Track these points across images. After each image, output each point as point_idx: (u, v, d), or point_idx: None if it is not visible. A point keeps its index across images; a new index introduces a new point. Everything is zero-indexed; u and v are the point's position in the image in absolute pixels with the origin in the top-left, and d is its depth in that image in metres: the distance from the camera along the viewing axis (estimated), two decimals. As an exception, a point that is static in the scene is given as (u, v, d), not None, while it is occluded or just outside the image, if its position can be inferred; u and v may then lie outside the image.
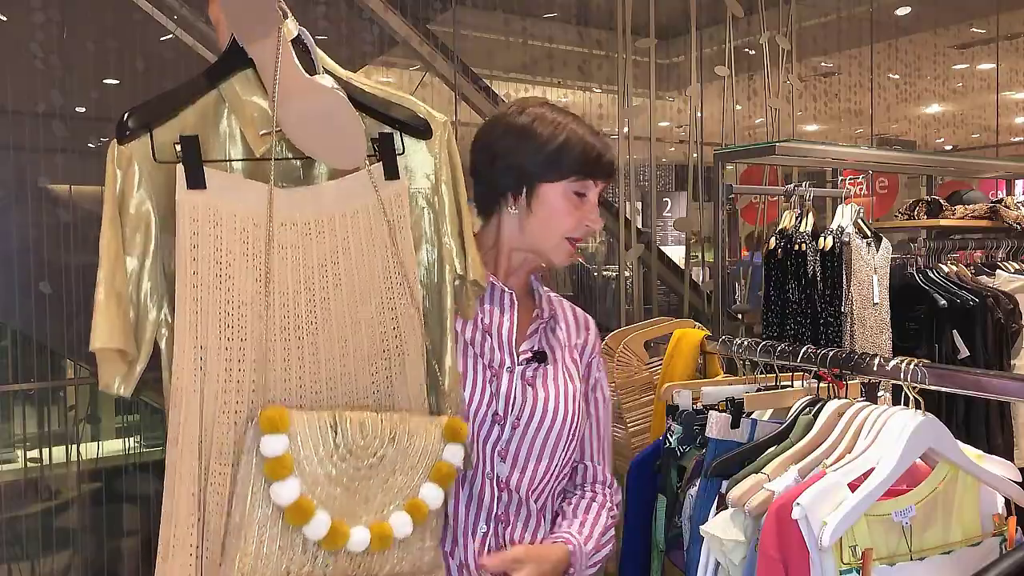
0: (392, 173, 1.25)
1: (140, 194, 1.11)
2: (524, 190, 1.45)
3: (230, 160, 1.16)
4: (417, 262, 1.30)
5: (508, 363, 1.45)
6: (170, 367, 1.13)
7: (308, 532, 1.11)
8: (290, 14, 1.17)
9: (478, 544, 1.42)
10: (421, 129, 1.28)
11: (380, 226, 1.23)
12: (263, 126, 1.16)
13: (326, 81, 1.18)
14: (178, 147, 1.11)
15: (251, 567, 1.10)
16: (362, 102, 1.23)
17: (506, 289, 1.49)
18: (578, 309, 1.63)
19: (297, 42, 1.18)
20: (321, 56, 1.22)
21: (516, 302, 1.49)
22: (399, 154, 1.26)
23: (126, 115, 1.11)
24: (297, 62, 1.16)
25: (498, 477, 1.43)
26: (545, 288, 1.60)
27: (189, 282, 1.10)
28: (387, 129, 1.26)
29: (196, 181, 1.09)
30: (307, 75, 1.16)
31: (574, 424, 1.49)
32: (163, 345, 1.15)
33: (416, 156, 1.30)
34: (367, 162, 1.23)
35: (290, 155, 1.20)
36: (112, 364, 1.11)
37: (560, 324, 1.56)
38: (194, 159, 1.10)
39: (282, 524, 1.11)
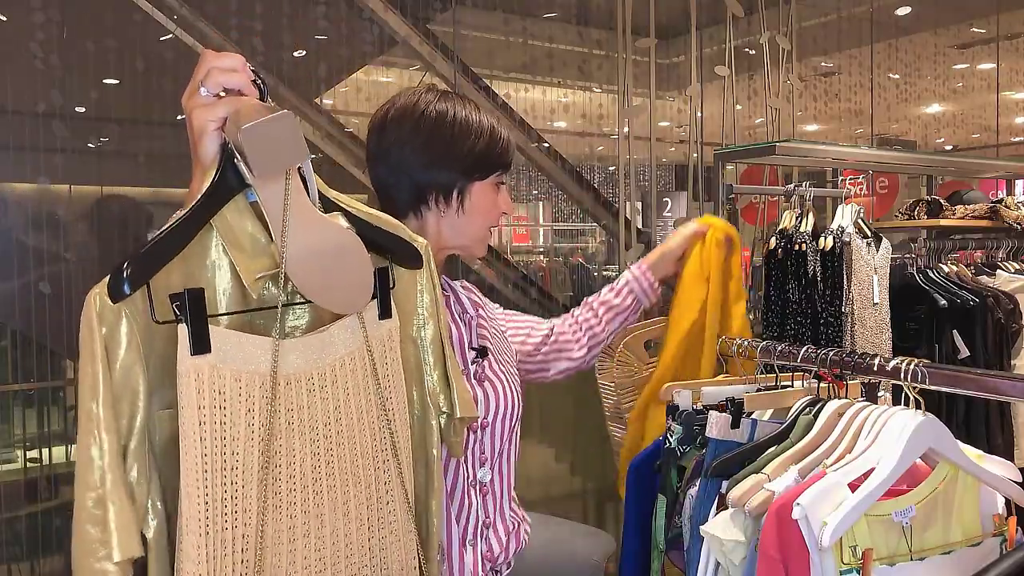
0: (386, 311, 1.12)
1: (128, 357, 0.94)
2: (456, 192, 1.43)
3: (244, 312, 1.01)
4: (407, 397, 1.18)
5: (462, 365, 1.47)
6: (160, 559, 0.97)
7: None
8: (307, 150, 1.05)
9: (471, 556, 1.42)
10: (413, 258, 1.16)
11: (370, 373, 1.10)
12: (256, 257, 1.01)
13: (341, 220, 1.06)
14: (176, 302, 0.94)
15: None
16: (363, 233, 1.09)
17: (451, 296, 1.52)
18: (464, 282, 1.65)
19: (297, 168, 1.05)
20: (318, 182, 1.09)
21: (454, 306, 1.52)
22: (391, 288, 1.14)
23: (126, 267, 0.92)
24: (306, 196, 1.03)
25: (480, 483, 1.43)
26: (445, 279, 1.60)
27: (198, 464, 0.94)
28: (383, 262, 1.13)
29: (201, 345, 0.93)
30: (317, 210, 1.03)
31: (522, 400, 1.54)
32: (149, 535, 0.97)
33: (402, 288, 1.17)
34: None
35: (294, 298, 1.07)
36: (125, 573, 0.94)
37: (476, 309, 1.59)
38: (200, 318, 0.93)
39: None
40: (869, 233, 2.84)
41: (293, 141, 0.98)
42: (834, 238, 2.76)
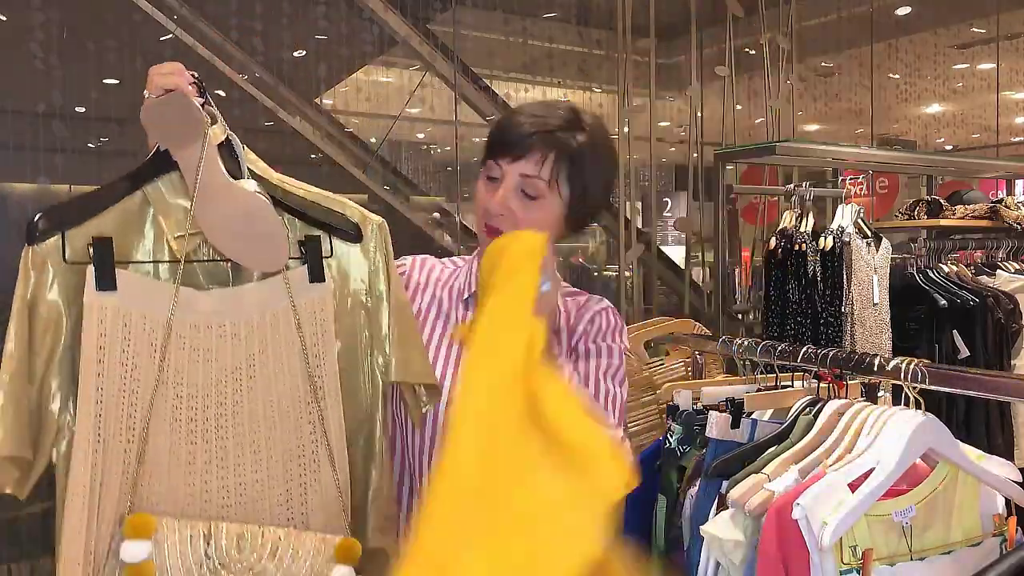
0: (317, 276, 1.23)
1: (52, 295, 1.10)
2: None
3: (151, 262, 1.16)
4: (352, 365, 1.27)
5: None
6: (65, 470, 1.09)
7: None
8: (220, 118, 1.18)
9: None
10: (351, 233, 1.27)
11: (295, 332, 1.21)
12: (181, 222, 1.16)
13: (249, 185, 1.17)
14: (91, 248, 1.10)
15: None
16: (289, 205, 1.23)
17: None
18: (592, 298, 1.51)
19: (225, 145, 1.18)
20: (252, 159, 1.22)
21: None
22: (327, 257, 1.25)
23: (37, 217, 1.10)
24: (221, 166, 1.16)
25: None
26: (567, 289, 1.51)
27: (93, 384, 1.08)
28: (315, 232, 1.25)
29: (106, 283, 1.09)
30: (230, 178, 1.16)
31: None
32: (63, 448, 1.11)
33: (350, 259, 1.28)
34: (288, 264, 1.22)
35: (217, 258, 1.19)
36: (8, 470, 1.09)
37: (560, 324, 1.47)
38: (105, 260, 1.10)
39: None
40: (869, 233, 2.84)
41: (184, 117, 1.12)
42: (834, 238, 2.76)
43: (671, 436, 1.69)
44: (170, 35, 3.43)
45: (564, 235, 1.45)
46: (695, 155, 4.38)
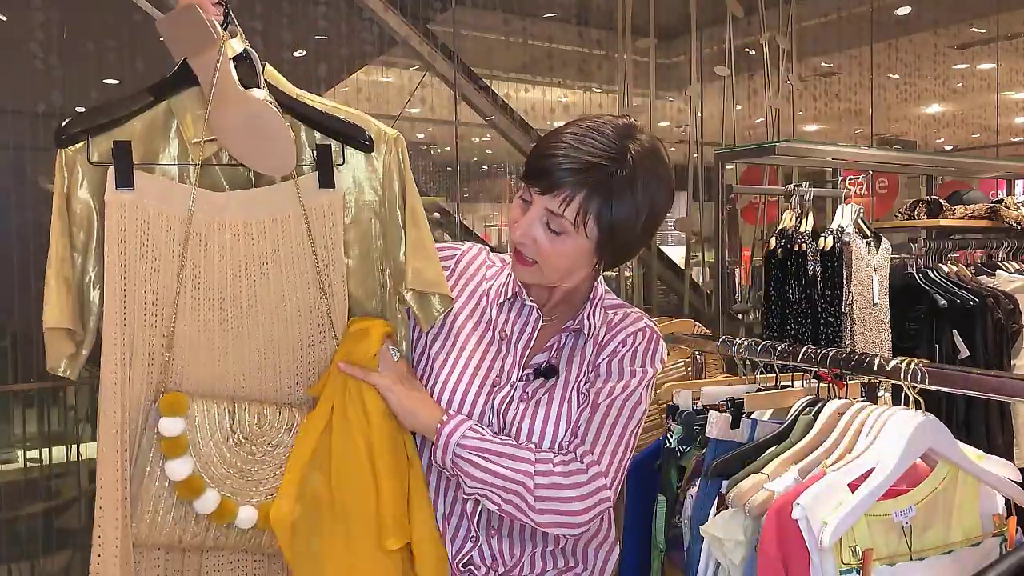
0: (327, 182, 1.30)
1: (83, 193, 1.21)
2: None
3: (171, 164, 1.25)
4: (366, 271, 1.36)
5: (513, 377, 1.40)
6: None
7: (198, 506, 1.24)
8: (239, 32, 1.25)
9: (457, 555, 1.41)
10: (363, 141, 1.33)
11: (305, 234, 1.29)
12: (200, 129, 1.24)
13: (259, 93, 1.24)
14: (112, 151, 1.20)
15: (145, 534, 1.24)
16: (303, 113, 1.30)
17: (527, 302, 1.42)
18: (630, 314, 1.46)
19: (244, 59, 1.25)
20: (270, 72, 1.29)
21: (540, 316, 1.42)
22: (338, 165, 1.32)
23: (65, 122, 1.19)
24: (235, 75, 1.22)
25: None
26: (612, 301, 1.48)
27: (117, 273, 1.19)
28: (328, 141, 1.32)
29: (125, 182, 1.18)
30: (241, 87, 1.22)
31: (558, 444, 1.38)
32: (92, 323, 1.24)
33: (364, 169, 1.35)
34: (302, 171, 1.29)
35: (233, 162, 1.27)
36: (61, 345, 1.21)
37: (591, 335, 1.42)
38: (124, 161, 1.19)
39: (176, 498, 1.24)
40: (869, 233, 2.84)
41: (197, 28, 1.19)
42: (834, 238, 2.76)
43: (671, 436, 1.69)
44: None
45: (597, 268, 1.40)
46: (695, 155, 4.38)
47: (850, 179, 6.24)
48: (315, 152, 1.30)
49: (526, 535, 1.42)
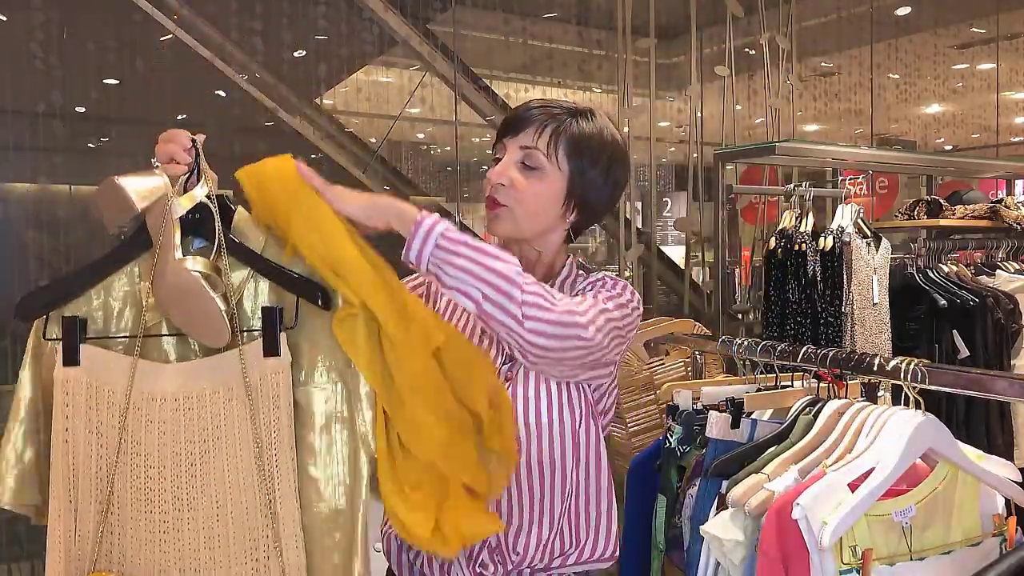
0: (271, 349, 1.19)
1: (46, 366, 1.23)
2: None
3: (116, 337, 1.24)
4: (328, 443, 1.21)
5: (498, 363, 1.41)
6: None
7: None
8: (209, 176, 1.21)
9: (475, 551, 1.41)
10: (320, 299, 1.20)
11: (245, 406, 1.19)
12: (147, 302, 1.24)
13: (191, 262, 1.19)
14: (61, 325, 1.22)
15: None
16: (264, 268, 1.23)
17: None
18: (603, 275, 1.49)
19: (214, 202, 1.21)
20: (240, 216, 1.24)
21: None
22: (290, 328, 1.20)
23: (24, 297, 1.23)
24: (176, 239, 1.20)
25: None
26: (581, 275, 1.50)
27: (62, 450, 1.19)
28: (279, 303, 1.22)
29: (71, 359, 1.20)
30: (178, 255, 1.20)
31: (546, 419, 1.38)
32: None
33: (322, 326, 1.21)
34: (253, 336, 1.21)
35: (172, 332, 1.24)
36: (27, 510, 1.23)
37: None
38: (72, 338, 1.21)
39: None
40: (869, 233, 2.84)
41: (116, 202, 1.18)
42: (834, 238, 2.76)
43: (671, 436, 1.69)
44: (170, 35, 3.42)
45: (568, 216, 1.44)
46: (695, 155, 4.38)
47: (850, 179, 6.25)
48: (261, 316, 1.20)
49: (533, 527, 1.42)
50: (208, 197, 1.21)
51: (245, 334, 1.20)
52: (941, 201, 3.49)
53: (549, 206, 1.42)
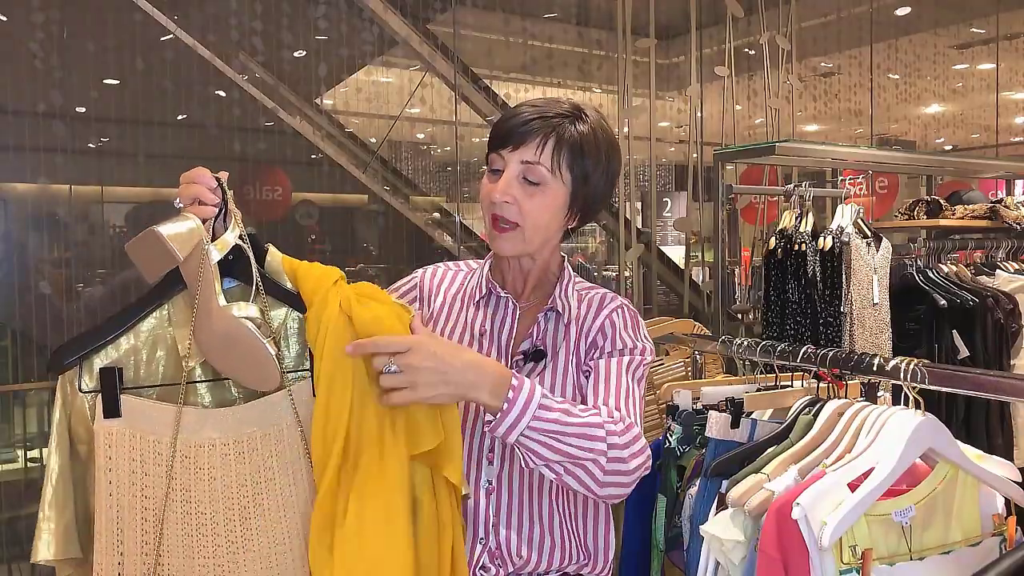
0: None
1: (80, 418, 1.19)
2: None
3: (156, 385, 1.23)
4: None
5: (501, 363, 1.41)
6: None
7: None
8: (237, 217, 1.21)
9: (476, 554, 1.41)
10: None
11: (301, 446, 1.23)
12: (187, 349, 1.22)
13: (237, 308, 1.20)
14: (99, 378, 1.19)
15: None
16: (302, 308, 1.24)
17: (502, 295, 1.46)
18: (608, 294, 1.50)
19: (241, 250, 1.21)
20: (273, 255, 1.25)
21: (517, 305, 1.46)
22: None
23: (58, 348, 1.19)
24: (217, 286, 1.20)
25: (488, 482, 1.41)
26: (581, 284, 1.51)
27: (106, 503, 1.17)
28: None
29: (111, 411, 1.18)
30: (222, 299, 1.20)
31: None
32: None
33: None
34: (299, 375, 1.24)
35: (218, 377, 1.24)
36: (61, 569, 1.20)
37: (571, 316, 1.45)
38: (111, 390, 1.18)
39: None
40: (869, 233, 2.84)
41: (158, 254, 1.16)
42: (834, 238, 2.76)
43: (671, 436, 1.69)
44: (170, 35, 3.42)
45: (570, 223, 1.45)
46: (695, 155, 4.38)
47: (850, 179, 6.25)
48: (311, 354, 1.23)
49: (534, 533, 1.42)
50: (240, 238, 1.22)
51: (290, 375, 1.24)
52: (941, 201, 3.49)
53: (554, 217, 1.41)
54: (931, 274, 2.93)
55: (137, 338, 1.23)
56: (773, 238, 2.88)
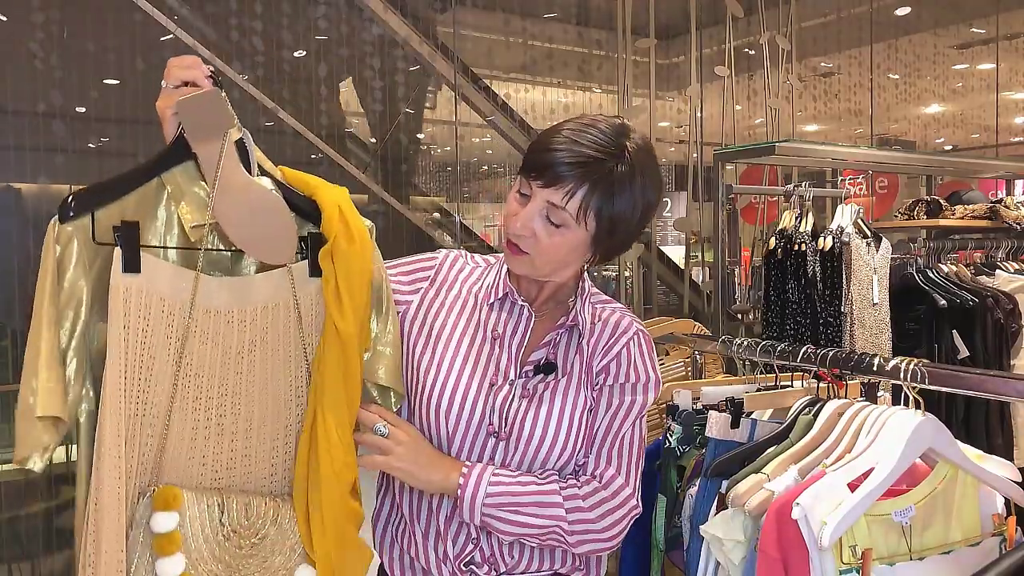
0: (316, 270, 1.30)
1: (75, 272, 1.15)
2: None
3: (165, 247, 1.22)
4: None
5: (512, 375, 1.40)
6: (88, 439, 1.18)
7: None
8: (235, 116, 1.23)
9: (459, 556, 1.41)
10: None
11: (294, 322, 1.29)
12: (197, 211, 1.22)
13: (265, 183, 1.25)
14: (116, 231, 1.16)
15: None
16: (294, 202, 1.30)
17: (519, 301, 1.43)
18: (624, 316, 1.48)
19: (239, 143, 1.24)
20: (259, 156, 1.29)
21: (532, 314, 1.43)
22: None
23: (70, 198, 1.15)
24: (239, 161, 1.22)
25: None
26: (598, 297, 1.49)
27: (120, 360, 1.15)
28: (316, 228, 1.31)
29: (132, 265, 1.15)
30: (247, 174, 1.23)
31: (568, 441, 1.39)
32: (82, 419, 1.19)
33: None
34: (295, 259, 1.29)
35: (221, 247, 1.27)
36: (41, 435, 1.14)
37: (589, 333, 1.44)
38: (132, 244, 1.16)
39: None
40: (869, 233, 2.84)
41: (219, 113, 1.18)
42: (833, 238, 2.76)
43: (671, 436, 1.69)
44: (170, 35, 3.42)
45: (588, 261, 1.41)
46: (695, 155, 4.38)
47: (850, 179, 6.25)
48: (303, 240, 1.29)
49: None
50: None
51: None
52: (941, 201, 3.49)
53: (570, 254, 1.36)
54: (931, 274, 2.93)
55: (137, 199, 1.20)
56: (773, 238, 2.88)
